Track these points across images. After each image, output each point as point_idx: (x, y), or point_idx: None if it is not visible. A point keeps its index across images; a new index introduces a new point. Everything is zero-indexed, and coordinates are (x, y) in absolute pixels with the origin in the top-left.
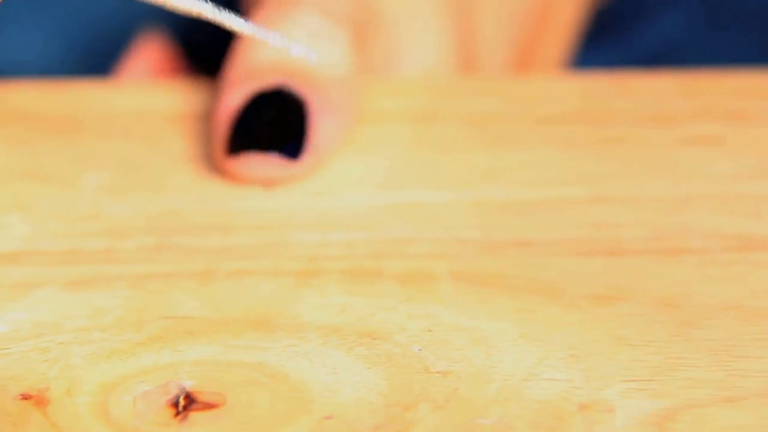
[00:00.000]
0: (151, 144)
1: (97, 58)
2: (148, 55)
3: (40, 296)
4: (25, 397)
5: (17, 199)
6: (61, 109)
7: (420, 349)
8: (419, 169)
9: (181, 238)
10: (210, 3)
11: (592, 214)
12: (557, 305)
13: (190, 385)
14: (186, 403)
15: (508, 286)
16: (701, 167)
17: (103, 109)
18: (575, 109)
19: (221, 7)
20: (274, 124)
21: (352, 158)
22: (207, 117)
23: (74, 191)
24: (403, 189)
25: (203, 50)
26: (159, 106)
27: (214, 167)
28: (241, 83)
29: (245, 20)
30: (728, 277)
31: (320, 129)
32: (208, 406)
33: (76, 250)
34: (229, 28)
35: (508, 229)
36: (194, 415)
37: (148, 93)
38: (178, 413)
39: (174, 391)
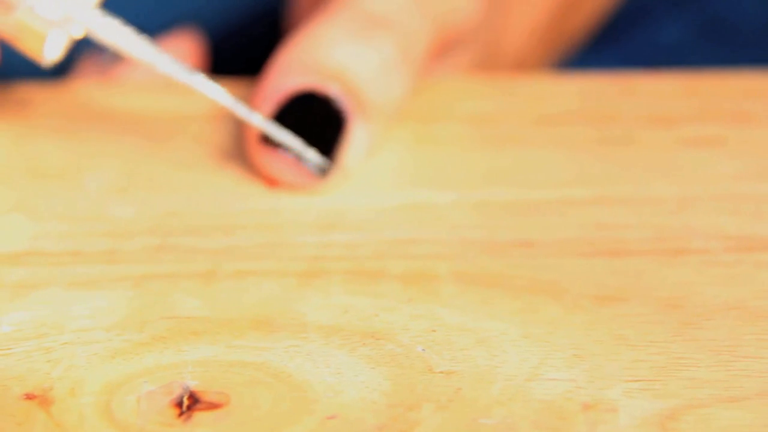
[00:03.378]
0: (155, 145)
1: None
2: (177, 44)
3: (43, 296)
4: (29, 397)
5: (20, 200)
6: (64, 109)
7: (424, 350)
8: (422, 169)
9: (184, 239)
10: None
11: (595, 215)
12: (560, 306)
13: (193, 385)
14: (190, 403)
15: (511, 287)
16: (703, 168)
17: (107, 110)
18: (578, 110)
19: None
20: (313, 131)
21: None
22: (227, 116)
23: (77, 192)
24: (405, 190)
25: (230, 59)
26: (163, 107)
27: (244, 141)
28: (301, 73)
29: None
30: (730, 277)
31: (351, 153)
32: (212, 406)
33: (80, 251)
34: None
35: (510, 230)
36: (198, 415)
37: (152, 94)
38: (181, 413)
39: (177, 391)
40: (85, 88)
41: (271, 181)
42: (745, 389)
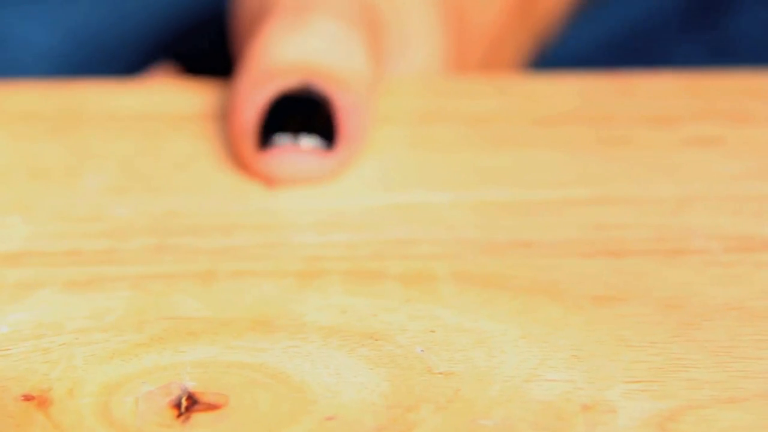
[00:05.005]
0: (153, 144)
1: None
2: (160, 79)
3: (42, 297)
4: (27, 398)
5: (18, 200)
6: (62, 109)
7: (423, 351)
8: (420, 169)
9: (183, 239)
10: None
11: (594, 215)
12: (559, 306)
13: (192, 386)
14: (188, 404)
15: (510, 287)
16: (703, 168)
17: (105, 109)
18: (576, 110)
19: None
20: (304, 121)
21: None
22: (224, 117)
23: (75, 192)
24: (404, 190)
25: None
26: (161, 107)
27: (244, 167)
28: (264, 83)
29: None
30: (730, 277)
31: (349, 125)
32: (211, 407)
33: (78, 251)
34: None
35: (509, 230)
36: (196, 416)
37: (150, 93)
38: (180, 414)
39: (176, 392)
40: (85, 87)
41: (278, 183)
42: (745, 390)
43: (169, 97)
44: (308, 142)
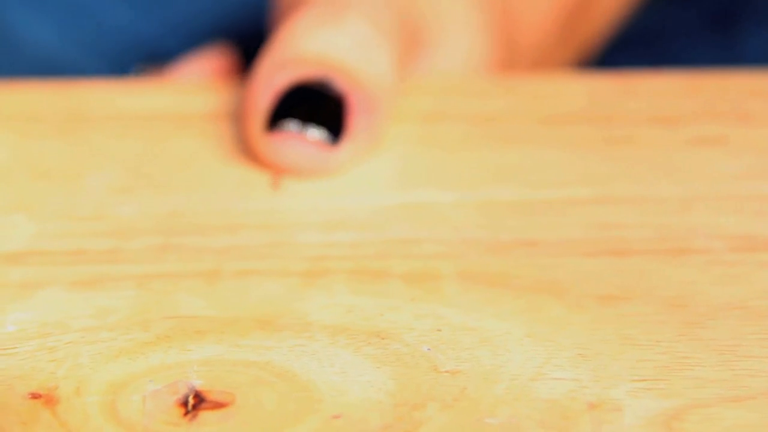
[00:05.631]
0: (157, 144)
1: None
2: (209, 60)
3: (47, 296)
4: (34, 396)
5: (23, 199)
6: (66, 109)
7: (429, 349)
8: (426, 169)
9: (188, 238)
10: None
11: (598, 215)
12: (564, 305)
13: (198, 384)
14: (195, 402)
15: (515, 286)
16: (707, 167)
17: (109, 109)
18: (581, 110)
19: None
20: (314, 112)
21: None
22: (229, 117)
23: (80, 191)
24: (409, 189)
25: None
26: (165, 106)
27: (248, 147)
28: (286, 67)
29: None
30: (733, 277)
31: (357, 125)
32: (217, 405)
33: (83, 250)
34: None
35: (514, 230)
36: (203, 414)
37: (155, 93)
38: (187, 412)
39: (183, 391)
40: (88, 87)
41: (278, 170)
42: (750, 389)
43: (174, 97)
44: (314, 134)
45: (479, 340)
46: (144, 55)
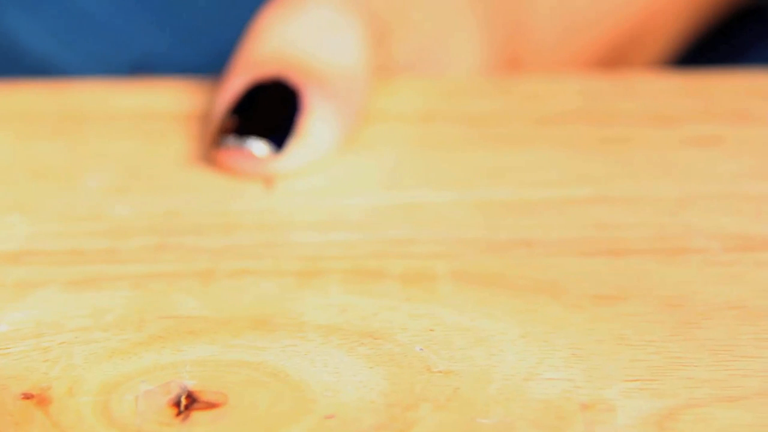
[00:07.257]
0: (153, 144)
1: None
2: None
3: (42, 296)
4: (27, 397)
5: (19, 199)
6: (63, 109)
7: (422, 349)
8: (421, 168)
9: (183, 238)
10: None
11: (594, 214)
12: (559, 305)
13: (191, 384)
14: (188, 403)
15: (510, 286)
16: (703, 167)
17: (105, 109)
18: (577, 109)
19: None
20: (266, 115)
21: (354, 158)
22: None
23: (76, 191)
24: (404, 189)
25: None
26: (161, 106)
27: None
28: (241, 72)
29: None
30: (730, 276)
31: (314, 121)
32: (210, 405)
33: (78, 250)
34: None
35: (510, 229)
36: (196, 415)
37: (150, 93)
38: (179, 413)
39: (175, 391)
40: (84, 87)
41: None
42: (744, 389)
43: (170, 97)
44: (252, 146)
45: (473, 340)
46: (141, 60)
